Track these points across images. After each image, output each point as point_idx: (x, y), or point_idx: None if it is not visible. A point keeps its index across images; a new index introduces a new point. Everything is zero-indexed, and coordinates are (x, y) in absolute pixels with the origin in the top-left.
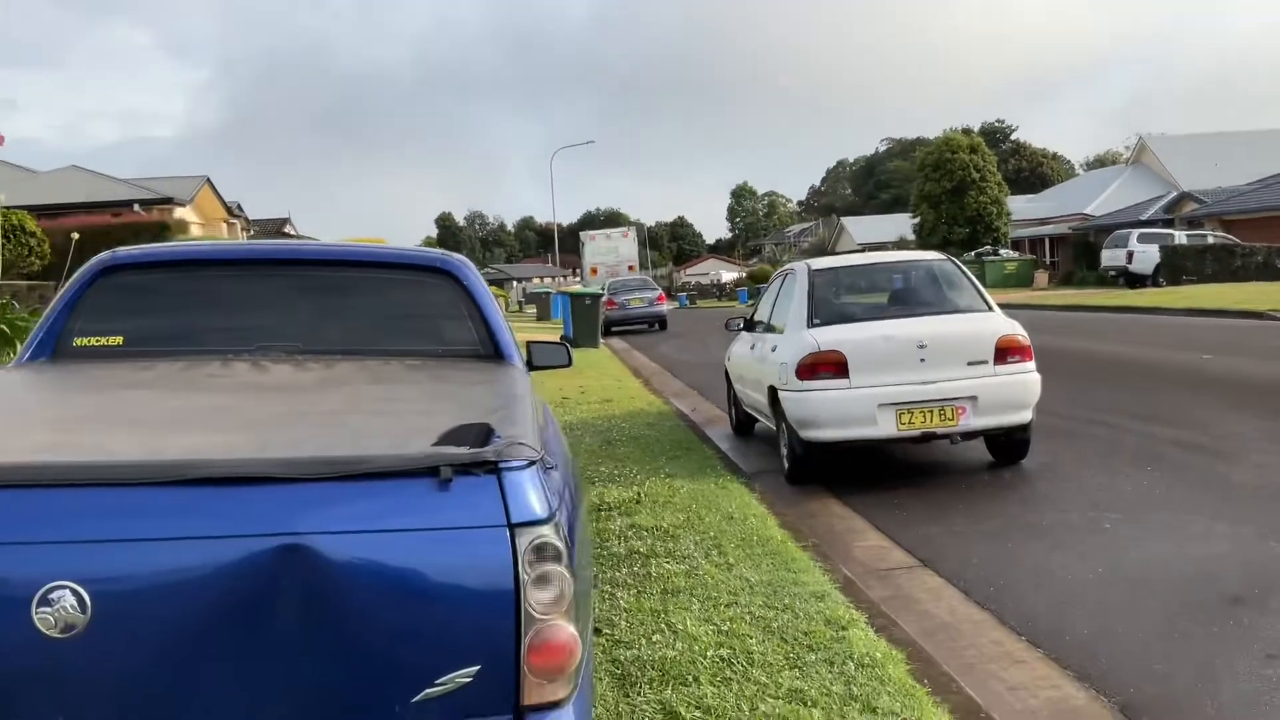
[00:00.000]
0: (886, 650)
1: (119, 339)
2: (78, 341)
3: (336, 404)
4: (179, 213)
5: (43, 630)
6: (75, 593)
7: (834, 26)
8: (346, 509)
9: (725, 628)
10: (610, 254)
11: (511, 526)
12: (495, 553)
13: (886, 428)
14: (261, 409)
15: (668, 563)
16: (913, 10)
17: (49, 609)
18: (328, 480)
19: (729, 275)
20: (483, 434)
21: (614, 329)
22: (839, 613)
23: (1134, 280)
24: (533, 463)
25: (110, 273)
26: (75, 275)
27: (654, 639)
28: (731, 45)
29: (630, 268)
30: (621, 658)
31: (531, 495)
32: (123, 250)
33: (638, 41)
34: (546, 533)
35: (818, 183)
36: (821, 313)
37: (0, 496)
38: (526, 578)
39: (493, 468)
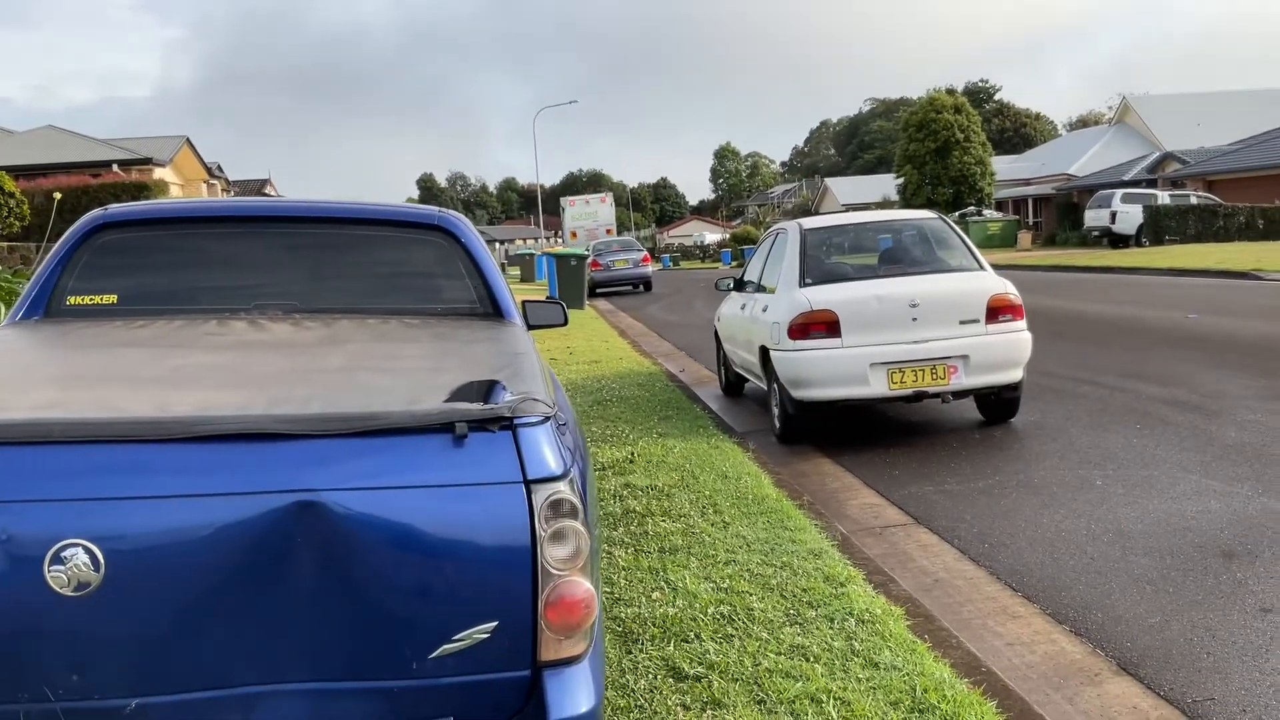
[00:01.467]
0: (885, 606)
1: (113, 297)
2: (71, 300)
3: (341, 361)
4: (158, 173)
5: (55, 588)
6: (88, 550)
7: None
8: (361, 465)
9: (724, 585)
10: (589, 219)
11: (527, 482)
12: (511, 508)
13: (879, 387)
14: (266, 366)
15: (664, 521)
16: None
17: (61, 567)
18: (341, 437)
19: (712, 237)
20: (494, 390)
21: (599, 290)
22: (837, 569)
23: (1117, 240)
24: (547, 418)
25: (102, 230)
26: (67, 233)
27: (653, 596)
28: (715, 4)
29: (608, 231)
30: (622, 615)
31: (547, 451)
32: (115, 207)
33: (621, 1)
34: (562, 488)
35: (801, 143)
36: (813, 272)
37: (9, 454)
38: (543, 533)
39: (508, 423)
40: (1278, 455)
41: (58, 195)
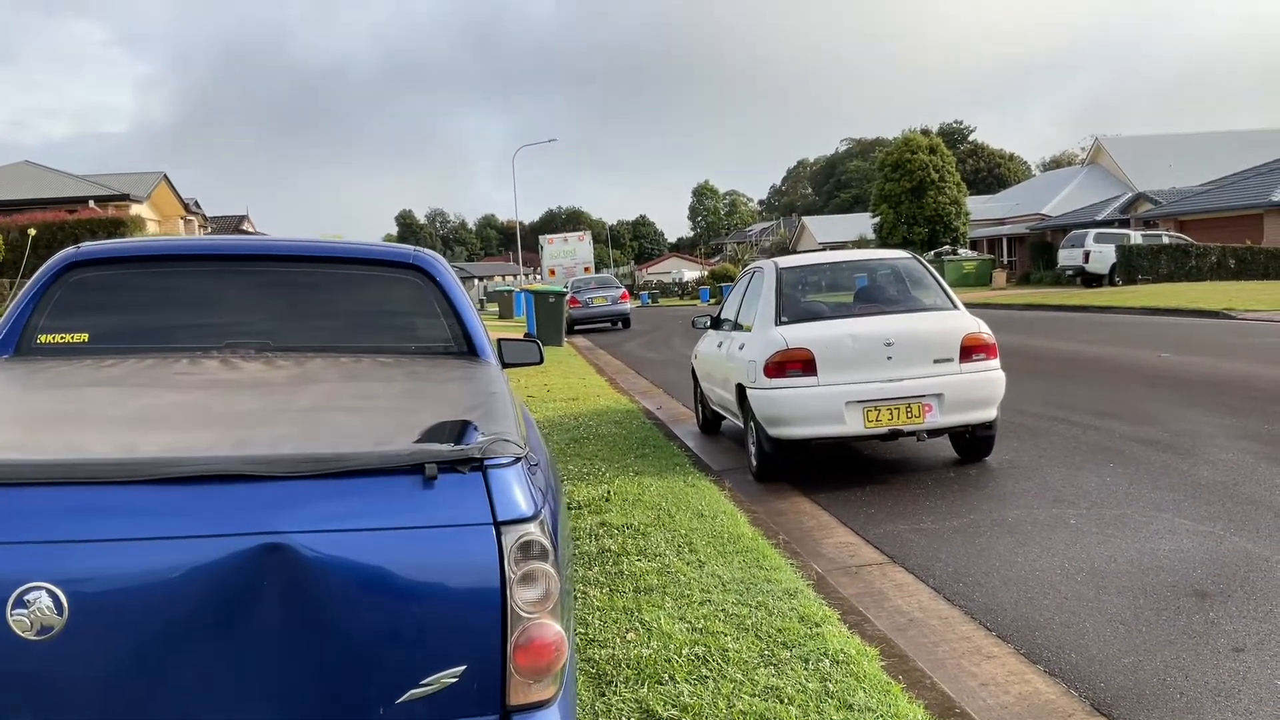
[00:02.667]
0: (860, 646)
1: (84, 336)
2: (41, 339)
3: (312, 401)
4: (135, 209)
5: (18, 632)
6: (51, 594)
7: (795, 29)
8: (329, 507)
9: (699, 625)
10: (567, 256)
11: (497, 524)
12: (481, 551)
13: (854, 425)
14: (236, 406)
15: (639, 561)
16: (873, 14)
17: (24, 610)
18: (310, 478)
19: (691, 274)
20: (466, 431)
21: (577, 327)
22: (812, 609)
23: (1091, 280)
24: (518, 459)
25: (75, 268)
26: (39, 271)
27: (628, 637)
28: (694, 46)
29: (586, 269)
30: (596, 657)
31: (517, 492)
32: (87, 245)
33: (601, 39)
34: (532, 530)
35: (779, 182)
36: (789, 311)
37: None
38: (512, 576)
39: (478, 465)
40: (1249, 494)
41: (32, 231)
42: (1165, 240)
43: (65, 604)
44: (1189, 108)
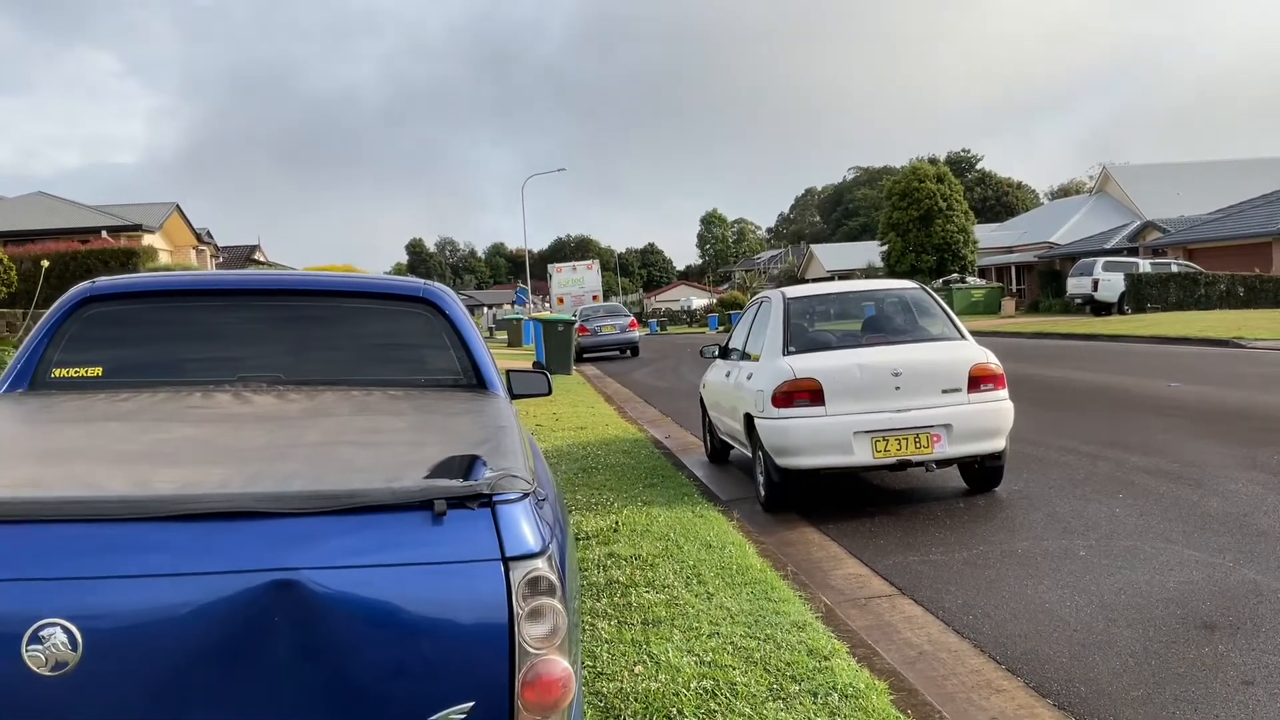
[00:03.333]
0: (869, 680)
1: (98, 370)
2: (56, 373)
3: (323, 436)
4: (148, 239)
5: (33, 668)
6: (66, 630)
7: (803, 57)
8: (339, 543)
9: (708, 659)
10: (575, 285)
11: (505, 560)
12: (489, 587)
13: (863, 455)
14: (248, 441)
15: (647, 592)
16: (880, 42)
17: (39, 647)
18: (320, 514)
19: (699, 301)
20: (474, 466)
21: (586, 355)
22: (821, 642)
23: (1100, 308)
24: (526, 495)
25: (90, 303)
26: (54, 305)
27: (636, 670)
28: (703, 75)
29: (594, 297)
30: (604, 690)
31: (525, 528)
32: (102, 280)
33: (610, 69)
34: (540, 566)
35: (787, 210)
36: (797, 340)
37: None
38: (520, 612)
39: (486, 500)
40: (1259, 526)
41: (45, 264)
42: (1174, 269)
43: (80, 640)
44: (1199, 133)
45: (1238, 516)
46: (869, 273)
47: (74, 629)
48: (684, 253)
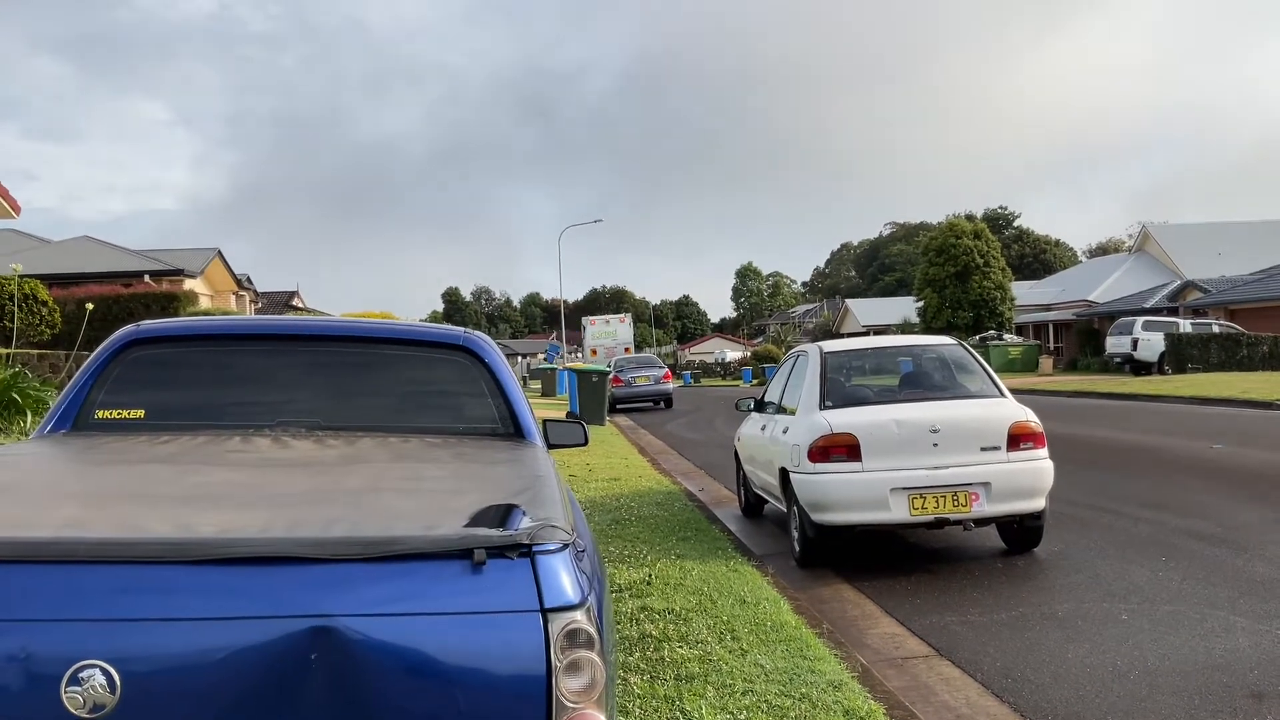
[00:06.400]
0: None
1: (140, 412)
2: (99, 414)
3: (363, 482)
4: (189, 284)
5: (70, 710)
6: (105, 672)
7: (839, 112)
8: (378, 591)
9: (741, 717)
10: (609, 337)
11: (544, 611)
12: (527, 638)
13: (899, 512)
14: (288, 486)
15: (681, 647)
16: (918, 97)
17: (78, 688)
18: (360, 561)
19: (733, 354)
20: (513, 515)
21: (619, 406)
22: (857, 703)
23: (1139, 367)
24: (566, 545)
25: (134, 346)
26: (100, 347)
27: None
28: (741, 127)
29: (626, 350)
30: None
31: (565, 579)
32: (147, 323)
33: (650, 120)
34: (579, 618)
35: (822, 264)
36: (833, 395)
37: (32, 572)
38: (558, 664)
39: (526, 550)
40: None
41: (89, 306)
42: (1215, 329)
43: (119, 682)
44: (1244, 196)
45: None
46: (904, 328)
47: (113, 671)
48: (718, 305)
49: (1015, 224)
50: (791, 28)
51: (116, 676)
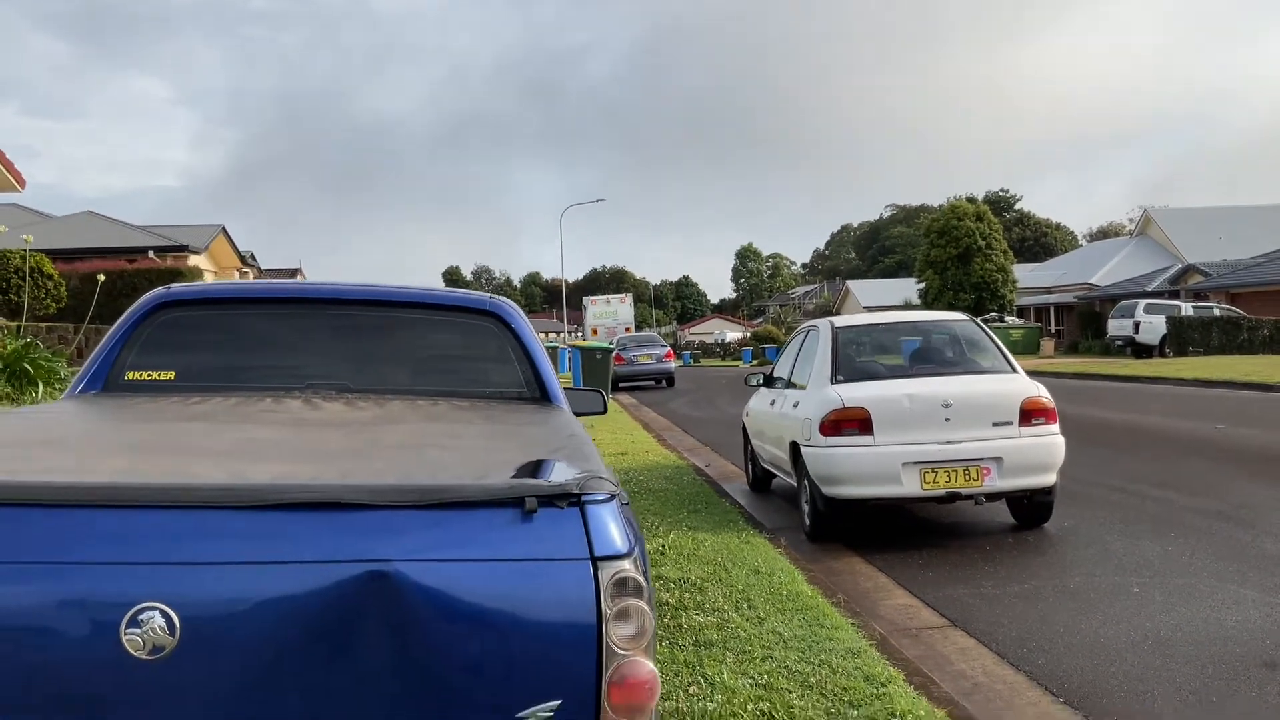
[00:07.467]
0: (928, 709)
1: (170, 374)
2: (129, 375)
3: (403, 438)
4: (193, 260)
5: (131, 651)
6: (165, 614)
7: (840, 95)
8: (432, 537)
9: (762, 681)
10: (609, 317)
11: (594, 559)
12: (578, 586)
13: (911, 486)
14: (330, 442)
15: (698, 615)
16: (921, 82)
17: (138, 630)
18: (414, 508)
19: (733, 335)
20: (559, 467)
21: (621, 384)
22: (876, 669)
23: (1140, 350)
24: (613, 496)
25: (164, 308)
26: (129, 310)
27: (690, 691)
28: (743, 109)
29: (627, 329)
30: (660, 709)
31: (613, 529)
32: (176, 286)
33: (653, 99)
34: (628, 567)
35: (822, 246)
36: (845, 369)
37: (90, 517)
38: (608, 612)
39: (576, 500)
40: None
41: (101, 277)
42: (1216, 313)
43: (178, 624)
44: (1248, 182)
45: None
46: (906, 309)
47: (173, 613)
48: (718, 286)
49: (1016, 206)
50: (795, 7)
51: (176, 619)
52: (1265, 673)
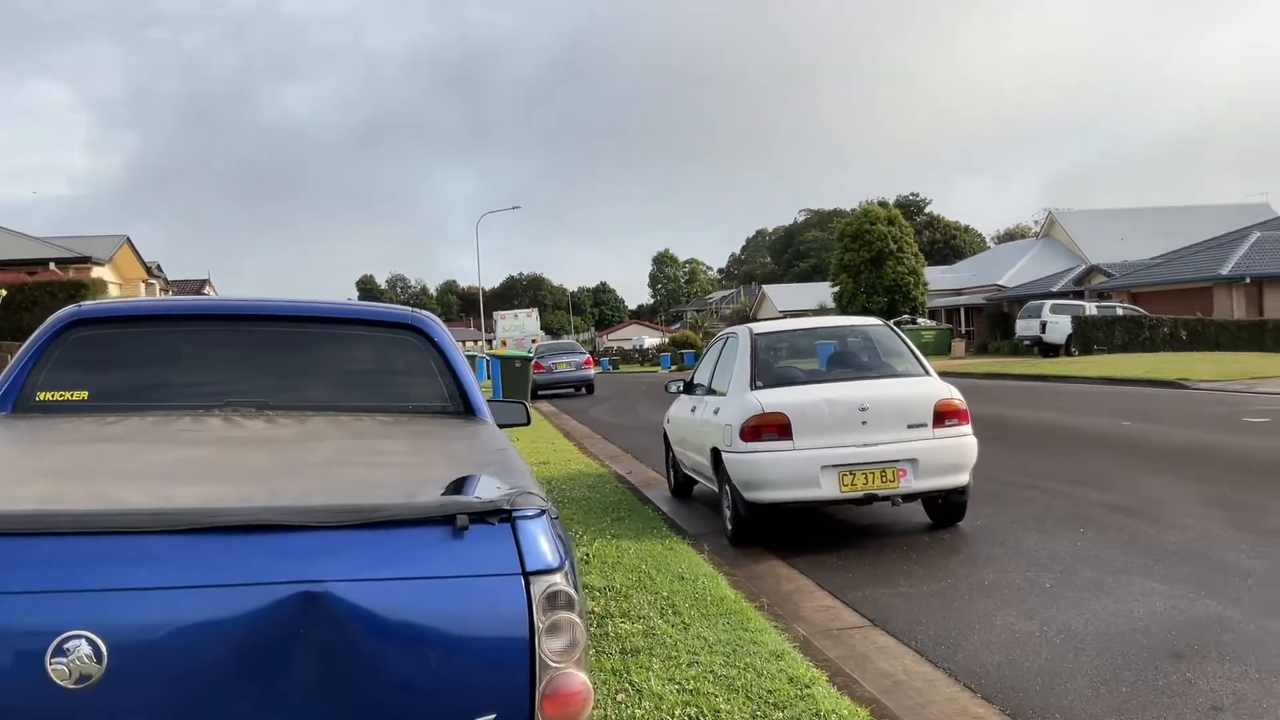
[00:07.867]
0: (851, 707)
1: (84, 394)
2: (41, 396)
3: (329, 456)
4: (97, 272)
5: (57, 681)
6: (91, 642)
7: (754, 99)
8: (363, 557)
9: (689, 687)
10: (517, 329)
11: (526, 574)
12: (510, 600)
13: (830, 489)
14: (254, 461)
15: (624, 623)
16: (830, 87)
17: (64, 659)
18: (344, 529)
19: (651, 340)
20: (489, 484)
21: (541, 392)
22: (800, 671)
23: (1048, 349)
24: (543, 511)
25: (76, 326)
26: (40, 329)
27: (618, 699)
28: (658, 113)
29: (534, 341)
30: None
31: (544, 543)
32: (88, 304)
33: (566, 108)
34: (559, 581)
35: (738, 251)
36: (764, 375)
37: (13, 546)
38: (540, 626)
39: (507, 516)
40: (1217, 558)
41: (2, 292)
42: (1119, 312)
43: (105, 652)
44: (1159, 187)
45: (1194, 550)
46: (821, 313)
47: (99, 641)
48: (636, 292)
49: (927, 210)
50: (710, 10)
51: (103, 646)
52: (1171, 663)
